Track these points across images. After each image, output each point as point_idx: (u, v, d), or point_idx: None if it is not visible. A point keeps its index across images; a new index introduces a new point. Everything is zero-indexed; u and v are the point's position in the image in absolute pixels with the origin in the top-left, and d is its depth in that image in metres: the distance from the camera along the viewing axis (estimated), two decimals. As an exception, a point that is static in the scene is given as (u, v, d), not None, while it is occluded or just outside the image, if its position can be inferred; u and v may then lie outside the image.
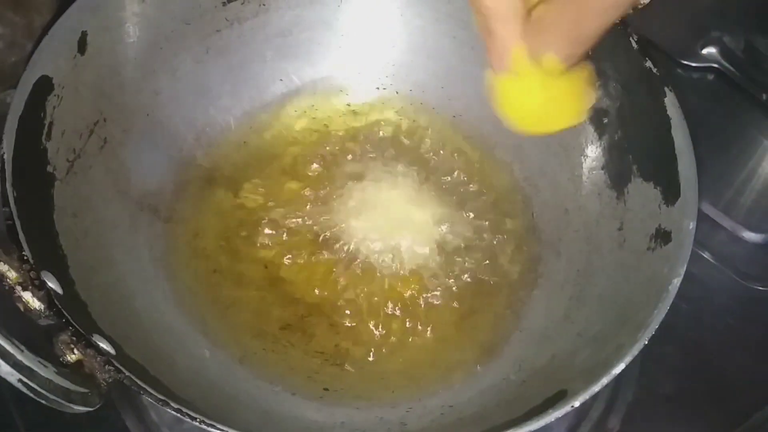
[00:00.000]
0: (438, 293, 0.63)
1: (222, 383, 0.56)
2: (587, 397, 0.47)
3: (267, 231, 0.66)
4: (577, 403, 0.46)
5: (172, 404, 0.44)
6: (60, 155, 0.57)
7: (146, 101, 0.67)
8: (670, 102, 0.59)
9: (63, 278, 0.50)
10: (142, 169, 0.65)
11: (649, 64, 0.61)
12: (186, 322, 0.60)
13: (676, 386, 0.67)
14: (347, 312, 0.62)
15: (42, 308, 0.46)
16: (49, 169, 0.56)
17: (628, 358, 0.48)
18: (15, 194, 0.50)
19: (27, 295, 0.46)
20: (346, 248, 0.64)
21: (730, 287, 0.72)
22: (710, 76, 0.85)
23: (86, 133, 0.60)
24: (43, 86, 0.56)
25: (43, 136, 0.56)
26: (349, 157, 0.70)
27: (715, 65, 0.85)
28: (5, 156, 0.51)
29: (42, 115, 0.56)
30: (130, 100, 0.65)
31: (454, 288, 0.63)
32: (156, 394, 0.45)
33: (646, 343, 0.49)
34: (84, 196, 0.59)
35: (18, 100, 0.54)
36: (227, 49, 0.71)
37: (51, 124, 0.56)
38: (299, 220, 0.66)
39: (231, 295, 0.63)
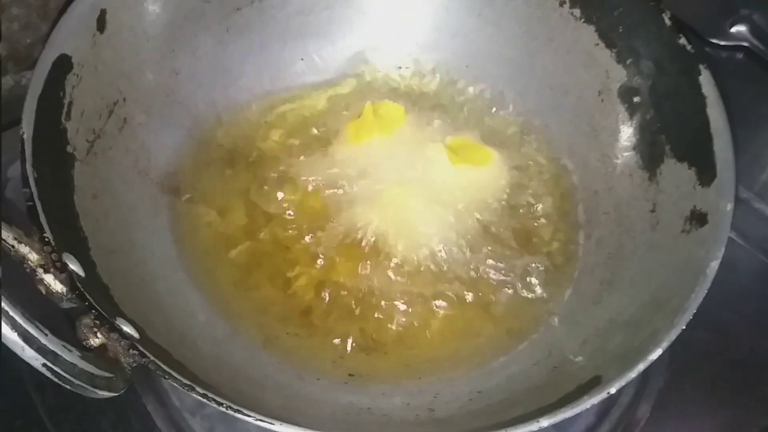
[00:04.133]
0: (465, 277, 0.62)
1: (245, 368, 0.55)
2: (623, 383, 0.45)
3: (290, 213, 0.65)
4: (612, 390, 0.45)
5: (198, 389, 0.44)
6: (80, 135, 0.56)
7: (166, 81, 0.66)
8: (706, 80, 0.58)
9: (84, 261, 0.49)
10: (163, 149, 0.64)
11: (683, 41, 0.59)
12: (208, 305, 0.59)
13: (706, 372, 0.65)
14: (372, 297, 0.61)
15: (64, 291, 0.45)
16: (69, 149, 0.55)
17: (665, 344, 0.47)
18: (35, 175, 0.49)
19: (49, 278, 0.45)
20: (371, 231, 0.63)
21: (764, 271, 0.70)
22: (740, 55, 0.83)
23: (106, 113, 0.59)
24: (62, 65, 0.55)
25: (63, 116, 0.55)
26: (373, 137, 0.69)
27: (745, 44, 0.83)
28: (25, 136, 0.50)
29: (61, 94, 0.55)
30: (150, 79, 0.64)
31: (481, 272, 0.62)
32: (182, 379, 0.44)
33: (684, 328, 0.47)
34: (104, 177, 0.58)
35: (37, 80, 0.53)
36: (247, 28, 0.70)
37: (70, 103, 0.55)
38: (323, 202, 0.65)
39: (253, 277, 0.62)
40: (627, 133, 0.64)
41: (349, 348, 0.59)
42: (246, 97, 0.71)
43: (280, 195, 0.66)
